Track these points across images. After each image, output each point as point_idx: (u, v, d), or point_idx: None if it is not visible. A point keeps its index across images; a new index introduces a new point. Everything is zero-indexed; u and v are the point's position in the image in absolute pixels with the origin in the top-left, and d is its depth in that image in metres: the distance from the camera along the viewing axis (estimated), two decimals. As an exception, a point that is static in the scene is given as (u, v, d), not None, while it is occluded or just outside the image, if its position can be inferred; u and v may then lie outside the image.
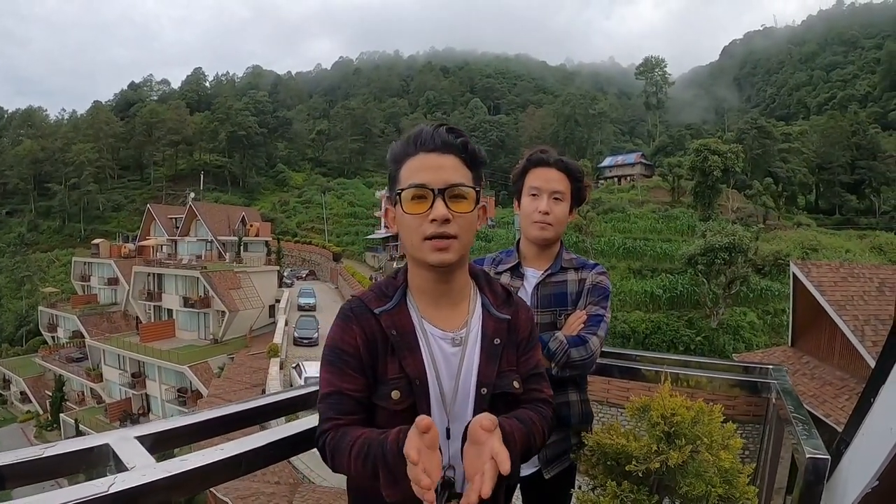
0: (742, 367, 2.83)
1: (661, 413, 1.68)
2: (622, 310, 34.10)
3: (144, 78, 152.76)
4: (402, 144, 1.48)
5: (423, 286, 1.50)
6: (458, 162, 1.44)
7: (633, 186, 66.42)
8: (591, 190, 2.48)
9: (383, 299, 1.48)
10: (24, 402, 46.93)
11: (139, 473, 1.34)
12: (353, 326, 1.43)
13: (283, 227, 78.09)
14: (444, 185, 1.39)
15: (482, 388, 1.46)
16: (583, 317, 2.18)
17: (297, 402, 2.07)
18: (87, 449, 1.47)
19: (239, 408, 1.90)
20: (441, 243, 1.40)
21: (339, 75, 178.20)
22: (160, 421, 1.74)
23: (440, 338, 1.47)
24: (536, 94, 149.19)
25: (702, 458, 1.59)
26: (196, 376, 34.58)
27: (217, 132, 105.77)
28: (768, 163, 66.89)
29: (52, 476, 1.45)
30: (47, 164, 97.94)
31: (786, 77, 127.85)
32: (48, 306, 54.99)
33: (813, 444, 1.57)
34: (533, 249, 2.35)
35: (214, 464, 1.47)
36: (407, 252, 1.48)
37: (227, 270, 44.29)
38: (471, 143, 1.47)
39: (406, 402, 1.39)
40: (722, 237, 29.61)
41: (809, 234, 46.18)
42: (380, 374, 1.42)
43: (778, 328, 30.31)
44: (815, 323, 15.28)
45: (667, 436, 1.66)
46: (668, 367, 2.77)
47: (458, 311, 1.52)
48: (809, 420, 1.83)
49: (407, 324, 1.45)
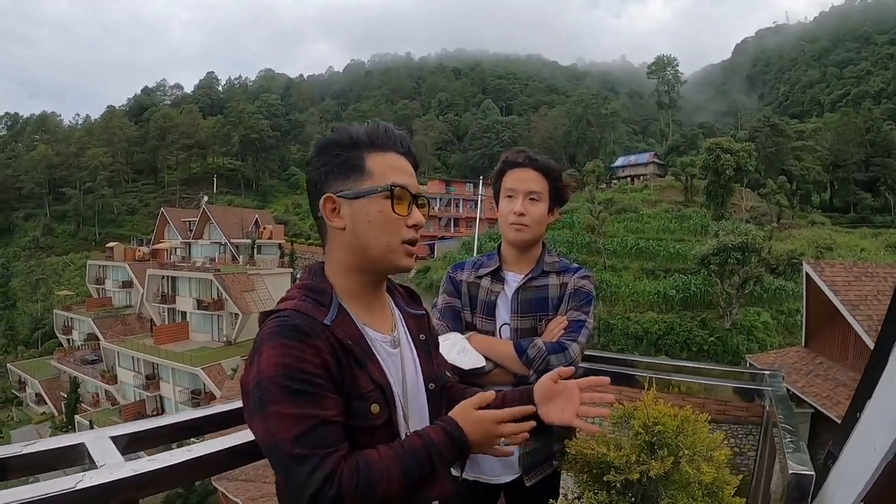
0: (738, 372, 2.79)
1: (644, 422, 1.64)
2: (635, 310, 33.91)
3: (157, 83, 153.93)
4: (366, 132, 1.38)
5: (357, 292, 1.40)
6: (412, 171, 1.42)
7: (646, 186, 65.92)
8: (571, 189, 2.42)
9: (322, 309, 1.31)
10: (39, 403, 47.23)
11: (107, 471, 1.37)
12: (315, 343, 1.22)
13: (297, 229, 78.12)
14: (417, 192, 1.38)
15: (430, 383, 1.46)
16: (563, 322, 2.13)
17: None
18: (64, 447, 1.53)
19: (215, 410, 1.92)
20: (414, 249, 1.39)
21: (351, 78, 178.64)
22: (136, 422, 1.77)
23: (382, 342, 1.40)
24: (548, 95, 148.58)
25: (683, 469, 1.55)
26: (209, 378, 34.73)
27: (230, 136, 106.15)
28: (782, 161, 66.42)
29: (31, 472, 1.50)
30: (62, 168, 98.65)
31: (798, 74, 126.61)
32: (63, 309, 55.36)
33: (798, 459, 1.53)
34: (513, 253, 2.30)
35: (182, 464, 1.48)
36: (360, 252, 1.36)
37: (240, 273, 44.53)
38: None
39: (385, 415, 1.30)
40: (735, 237, 29.34)
41: (824, 232, 45.74)
42: (348, 390, 1.26)
43: (792, 328, 30.03)
44: (829, 323, 15.14)
45: (649, 445, 1.63)
46: (663, 372, 2.72)
47: (386, 315, 1.47)
48: (798, 431, 1.78)
49: (355, 332, 1.33)
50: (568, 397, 1.36)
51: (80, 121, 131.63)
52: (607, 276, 37.04)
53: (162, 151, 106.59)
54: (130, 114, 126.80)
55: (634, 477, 1.57)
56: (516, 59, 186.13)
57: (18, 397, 51.24)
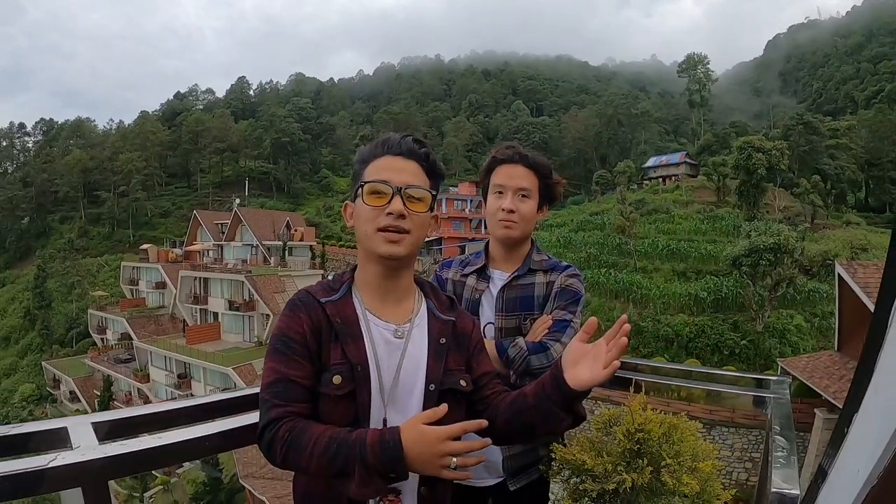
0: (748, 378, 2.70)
1: (627, 429, 1.58)
2: (665, 313, 33.57)
3: (189, 88, 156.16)
4: (370, 148, 1.61)
5: (370, 281, 1.60)
6: (418, 168, 1.57)
7: (678, 187, 65.13)
8: (562, 186, 2.38)
9: (330, 291, 1.57)
10: (73, 401, 48.07)
11: (79, 453, 1.47)
12: (300, 315, 1.49)
13: (328, 231, 78.58)
14: (403, 185, 1.52)
15: (430, 384, 1.53)
16: (548, 322, 2.09)
17: (252, 399, 2.06)
18: (47, 430, 1.64)
19: (196, 402, 2.02)
20: (393, 236, 1.51)
21: (381, 81, 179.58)
22: (118, 410, 1.90)
23: (383, 328, 1.55)
24: (579, 95, 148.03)
25: (664, 479, 1.48)
26: (240, 378, 35.05)
27: (262, 139, 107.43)
28: (815, 160, 65.14)
29: (17, 452, 1.57)
30: (96, 172, 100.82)
31: (832, 71, 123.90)
32: (97, 309, 56.40)
33: (784, 476, 1.45)
34: (501, 250, 2.28)
35: (152, 449, 1.58)
36: (360, 244, 1.60)
37: (271, 274, 44.97)
38: (433, 154, 1.61)
39: (346, 388, 1.44)
40: (767, 237, 28.87)
41: (858, 232, 44.79)
42: (324, 360, 1.46)
43: (826, 331, 29.42)
44: (862, 326, 14.66)
45: (632, 454, 1.56)
46: (668, 377, 2.65)
47: (402, 308, 1.61)
48: (791, 444, 1.70)
49: (351, 314, 1.53)
50: (596, 354, 1.42)
51: (113, 126, 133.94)
52: (638, 277, 36.75)
53: (194, 155, 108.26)
54: (163, 119, 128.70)
55: (611, 487, 1.51)
56: (546, 60, 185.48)
57: (53, 395, 52.29)
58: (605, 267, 37.98)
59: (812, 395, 14.47)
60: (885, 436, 0.97)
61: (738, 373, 2.99)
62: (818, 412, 14.52)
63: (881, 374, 1.11)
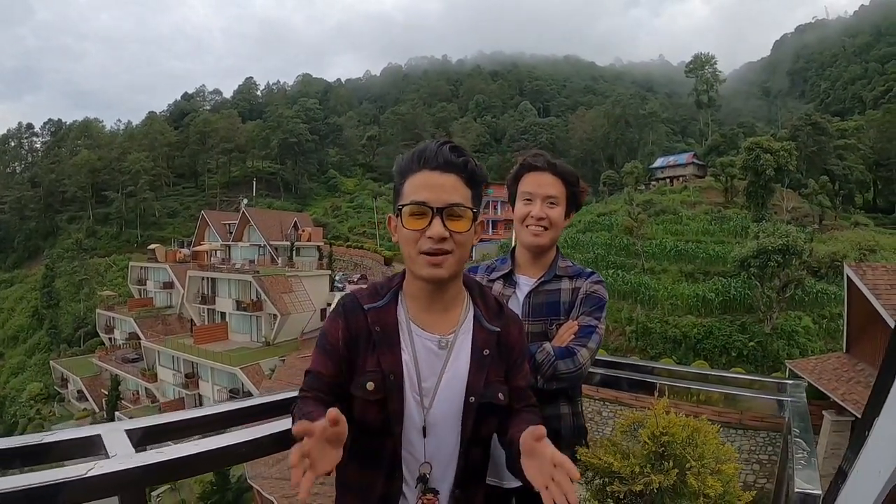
0: (763, 381, 2.73)
1: (652, 432, 1.63)
2: (673, 314, 33.47)
3: (197, 88, 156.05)
4: (406, 160, 1.58)
5: (416, 293, 1.60)
6: (458, 181, 1.53)
7: (686, 187, 64.87)
8: (586, 194, 2.42)
9: (375, 297, 1.60)
10: (80, 400, 48.26)
11: (117, 461, 1.49)
12: (339, 321, 1.56)
13: (335, 231, 78.68)
14: (443, 205, 1.49)
15: (471, 396, 1.55)
16: (574, 327, 2.12)
17: (286, 404, 2.09)
18: (81, 438, 1.65)
19: (229, 407, 2.05)
20: (435, 259, 1.50)
21: (388, 81, 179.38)
22: (150, 417, 1.89)
23: (426, 339, 1.57)
24: (586, 96, 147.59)
25: (689, 482, 1.53)
26: (247, 378, 35.16)
27: (269, 140, 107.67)
28: (824, 160, 64.79)
29: (50, 461, 1.60)
30: (104, 172, 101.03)
31: (840, 71, 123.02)
32: (105, 309, 56.65)
33: (806, 476, 1.49)
34: (527, 256, 2.32)
35: (189, 457, 1.59)
36: (405, 262, 1.58)
37: (279, 275, 45.05)
38: (471, 162, 1.56)
39: (380, 394, 1.49)
40: (775, 238, 28.75)
41: (867, 234, 44.55)
42: (359, 366, 1.53)
43: (834, 333, 29.25)
44: (871, 328, 14.76)
45: (657, 456, 1.61)
46: (684, 380, 2.68)
47: (449, 318, 1.62)
48: (811, 447, 1.74)
49: (392, 322, 1.57)
50: (543, 462, 1.31)
51: (121, 127, 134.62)
52: (646, 278, 36.64)
53: (202, 156, 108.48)
54: (171, 119, 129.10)
55: (638, 489, 1.56)
56: (553, 61, 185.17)
57: (61, 394, 52.45)
58: (612, 268, 37.84)
59: (820, 396, 14.46)
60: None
61: (752, 376, 3.01)
62: (826, 414, 14.52)
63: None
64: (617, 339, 31.98)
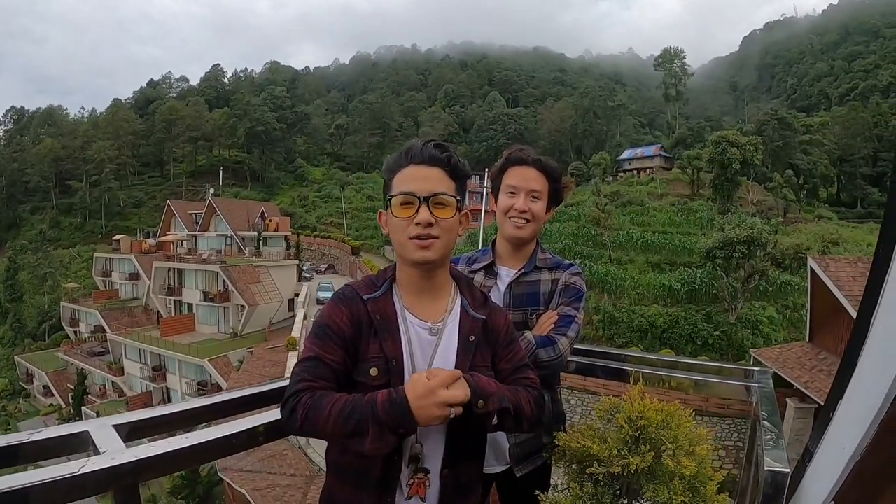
0: (731, 368, 2.82)
1: (628, 416, 1.69)
2: (640, 304, 33.90)
3: (163, 75, 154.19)
4: (395, 158, 1.70)
5: (408, 281, 1.71)
6: (442, 174, 1.65)
7: (653, 179, 65.62)
8: (569, 191, 2.48)
9: (372, 288, 1.69)
10: (46, 395, 47.53)
11: (109, 457, 1.49)
12: (342, 307, 1.63)
13: (303, 221, 78.32)
14: (428, 194, 1.61)
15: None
16: (554, 317, 2.19)
17: (274, 395, 2.12)
18: (69, 435, 1.65)
19: (216, 399, 2.04)
20: (424, 242, 1.61)
21: (357, 70, 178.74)
22: (138, 411, 1.89)
23: (419, 326, 1.67)
24: (555, 87, 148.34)
25: (665, 463, 1.60)
26: (215, 370, 34.85)
27: (236, 128, 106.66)
28: (789, 155, 66.01)
29: (38, 459, 1.61)
30: (68, 161, 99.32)
31: (807, 68, 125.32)
32: (70, 301, 55.77)
33: (775, 456, 1.56)
34: (508, 248, 2.38)
35: (180, 450, 1.60)
36: (396, 250, 1.68)
37: (246, 265, 44.62)
38: (454, 157, 1.68)
39: (382, 380, 1.56)
40: (740, 230, 29.24)
41: (830, 227, 45.54)
42: (362, 353, 1.60)
43: (797, 323, 29.89)
44: (833, 319, 15.11)
45: (633, 439, 1.67)
46: (655, 368, 2.76)
47: (438, 306, 1.72)
48: (779, 429, 1.82)
49: (390, 311, 1.66)
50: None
51: (85, 114, 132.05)
52: (612, 269, 37.06)
53: (168, 144, 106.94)
54: (136, 107, 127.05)
55: (616, 470, 1.62)
56: (523, 52, 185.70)
57: (26, 389, 51.64)
58: (580, 258, 38.09)
59: (784, 384, 14.75)
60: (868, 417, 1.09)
61: (721, 363, 3.11)
62: (790, 401, 14.84)
63: (864, 364, 1.22)
64: (584, 329, 32.06)
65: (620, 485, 1.68)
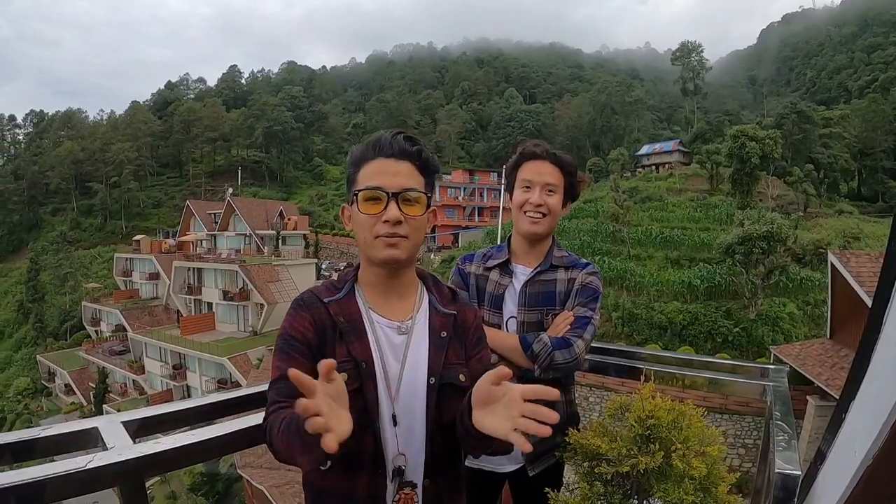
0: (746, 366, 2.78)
1: (638, 415, 1.67)
2: (659, 300, 33.64)
3: (181, 77, 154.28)
4: (361, 149, 1.61)
5: (372, 280, 1.62)
6: (412, 168, 1.58)
7: (671, 174, 65.09)
8: (585, 185, 2.45)
9: (333, 291, 1.60)
10: (68, 394, 47.96)
11: (116, 453, 1.50)
12: (303, 314, 1.54)
13: (321, 220, 78.45)
14: (398, 189, 1.53)
15: (431, 377, 1.56)
16: (570, 318, 2.16)
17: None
18: (78, 431, 1.66)
19: (224, 397, 2.05)
20: (392, 240, 1.53)
21: (374, 69, 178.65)
22: (147, 408, 1.91)
23: (386, 326, 1.58)
24: (572, 83, 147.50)
25: (674, 463, 1.58)
26: (235, 368, 35.13)
27: (253, 128, 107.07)
28: (809, 149, 65.31)
29: (48, 454, 1.61)
30: (88, 163, 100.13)
31: (825, 60, 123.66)
32: (91, 301, 56.33)
33: (786, 458, 1.53)
34: (523, 245, 2.35)
35: (186, 447, 1.61)
36: (360, 249, 1.61)
37: (265, 264, 44.92)
38: (425, 151, 1.60)
39: (354, 385, 1.45)
40: (760, 226, 28.92)
41: (851, 221, 44.87)
42: (329, 357, 1.39)
43: (818, 319, 29.52)
44: (854, 315, 14.90)
45: (643, 439, 1.65)
46: (669, 366, 2.73)
47: (405, 304, 1.64)
48: (792, 430, 1.79)
49: (354, 312, 1.57)
50: (508, 405, 1.24)
51: (104, 117, 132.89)
52: (631, 265, 36.78)
53: (186, 145, 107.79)
54: (154, 108, 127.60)
55: (625, 470, 1.60)
56: (539, 48, 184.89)
57: (48, 388, 52.16)
58: (598, 254, 37.91)
59: (804, 382, 14.61)
60: (879, 420, 1.06)
61: (735, 361, 3.07)
62: (810, 399, 14.67)
63: (876, 365, 1.19)
64: (603, 326, 32.05)
65: (630, 484, 1.66)
